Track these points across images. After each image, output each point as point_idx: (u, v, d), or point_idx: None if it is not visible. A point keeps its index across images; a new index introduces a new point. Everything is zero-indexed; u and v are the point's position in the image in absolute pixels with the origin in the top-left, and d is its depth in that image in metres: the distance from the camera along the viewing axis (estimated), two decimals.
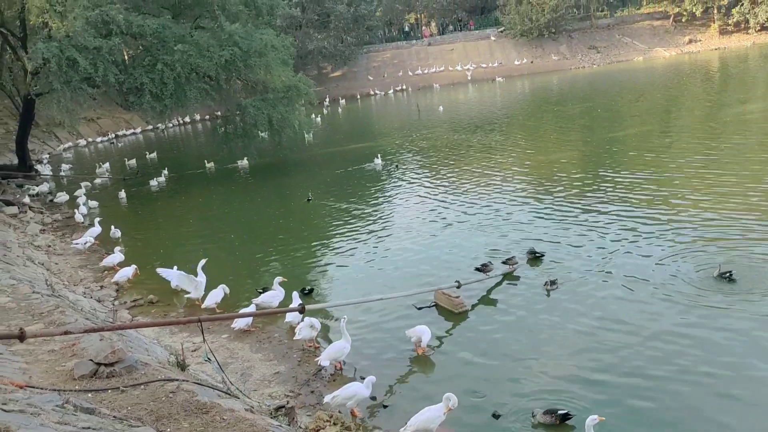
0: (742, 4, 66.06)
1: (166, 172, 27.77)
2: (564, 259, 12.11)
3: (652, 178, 16.95)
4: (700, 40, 69.48)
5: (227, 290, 11.55)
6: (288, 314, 10.14)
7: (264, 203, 21.77)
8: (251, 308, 10.63)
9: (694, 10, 68.11)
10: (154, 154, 35.67)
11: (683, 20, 71.24)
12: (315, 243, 15.81)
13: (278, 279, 11.27)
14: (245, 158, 29.15)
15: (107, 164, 32.08)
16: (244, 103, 26.64)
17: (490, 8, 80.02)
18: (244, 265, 14.71)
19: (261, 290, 12.14)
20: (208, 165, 29.16)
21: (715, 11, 68.48)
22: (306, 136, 32.66)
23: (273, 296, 11.04)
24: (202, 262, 12.23)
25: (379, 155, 25.69)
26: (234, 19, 26.03)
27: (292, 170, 27.70)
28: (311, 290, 12.10)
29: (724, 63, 52.13)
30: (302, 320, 9.76)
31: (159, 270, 12.37)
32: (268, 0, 28.10)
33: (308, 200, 20.68)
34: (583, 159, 21.36)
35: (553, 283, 10.61)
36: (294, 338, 9.70)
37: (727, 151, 19.22)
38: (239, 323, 10.45)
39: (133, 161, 33.37)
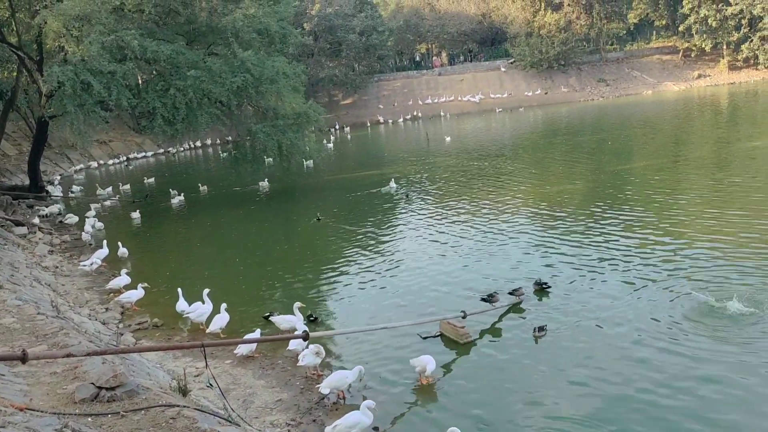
0: (752, 41, 66.52)
1: (204, 188, 29.18)
2: (569, 291, 12.03)
3: (657, 215, 16.83)
4: (710, 75, 69.86)
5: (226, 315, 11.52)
6: (292, 342, 10.07)
7: (271, 228, 21.82)
8: (255, 334, 10.58)
9: (703, 46, 68.64)
10: (152, 179, 35.89)
11: (692, 55, 71.76)
12: (321, 269, 15.78)
13: (297, 304, 11.24)
14: (266, 179, 29.51)
15: (109, 188, 32.28)
16: (254, 129, 26.87)
17: (500, 40, 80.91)
18: (249, 289, 14.68)
19: (266, 315, 12.13)
20: (201, 188, 29.60)
21: (725, 47, 68.96)
22: (305, 163, 32.61)
23: (292, 320, 10.99)
24: (207, 291, 12.20)
25: (393, 179, 25.91)
26: (247, 47, 26.39)
27: (300, 195, 27.82)
28: (316, 318, 12.05)
29: (733, 98, 52.27)
30: (306, 347, 9.69)
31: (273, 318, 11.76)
32: (281, 29, 28.48)
33: (318, 219, 20.71)
34: (591, 192, 21.33)
35: (541, 329, 10.23)
36: (297, 365, 9.63)
37: (735, 188, 19.14)
38: (243, 349, 10.40)
39: (152, 179, 34.52)
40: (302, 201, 26.35)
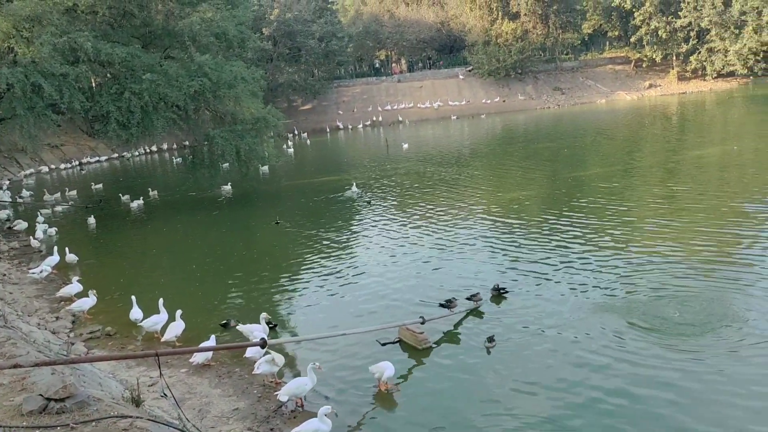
0: (700, 52, 68.83)
1: (154, 192, 28.87)
2: (526, 297, 12.20)
3: (610, 222, 17.19)
4: (660, 85, 71.97)
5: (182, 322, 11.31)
6: (249, 349, 9.95)
7: (230, 233, 21.54)
8: (211, 341, 10.41)
9: (654, 57, 70.73)
10: (100, 185, 35.07)
11: (644, 65, 73.88)
12: (280, 275, 15.65)
13: (264, 315, 11.11)
14: (229, 183, 29.19)
15: (57, 194, 31.39)
16: (212, 134, 26.52)
17: (458, 48, 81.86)
18: (206, 296, 14.45)
19: (223, 323, 11.98)
20: (151, 193, 29.02)
21: (674, 58, 71.17)
22: (261, 168, 32.30)
23: (257, 329, 10.83)
24: (161, 301, 11.96)
25: (354, 183, 25.97)
26: (204, 51, 26.09)
27: (259, 201, 27.56)
28: (275, 325, 11.93)
29: (683, 107, 53.96)
30: (264, 355, 9.59)
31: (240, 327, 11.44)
32: (239, 33, 28.24)
33: (276, 223, 20.55)
34: (547, 198, 21.70)
35: (491, 340, 10.19)
36: (253, 373, 9.52)
37: (684, 196, 19.73)
38: (198, 358, 10.23)
39: (100, 185, 33.86)
40: (261, 206, 26.11)
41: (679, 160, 26.86)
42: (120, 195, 29.09)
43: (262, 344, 8.89)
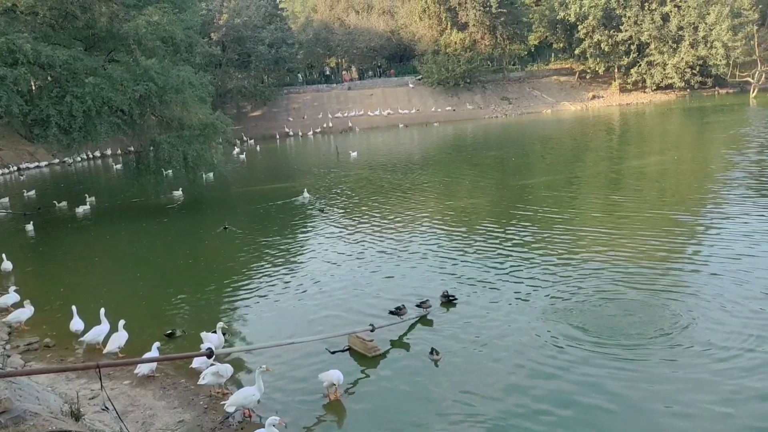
0: (640, 65, 71.27)
1: (92, 199, 27.96)
2: (474, 303, 12.34)
3: (555, 230, 17.56)
4: (603, 96, 74.18)
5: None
6: (196, 359, 9.75)
7: (176, 240, 21.11)
8: (154, 352, 10.15)
9: (597, 69, 72.91)
10: (32, 192, 33.87)
11: (587, 77, 76.08)
12: (228, 283, 15.39)
13: (220, 324, 10.90)
14: (180, 189, 28.68)
15: None
16: (158, 139, 25.96)
17: (408, 56, 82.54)
18: (150, 306, 14.10)
19: (168, 333, 11.71)
20: (89, 199, 28.05)
21: (616, 70, 73.50)
22: (205, 176, 31.63)
23: (213, 339, 10.60)
24: (103, 311, 11.60)
25: (306, 189, 25.91)
26: (150, 54, 25.53)
27: (208, 208, 27.08)
28: (223, 334, 11.71)
29: (624, 118, 55.74)
30: (211, 365, 9.41)
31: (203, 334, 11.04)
32: (186, 37, 27.76)
33: (225, 228, 20.30)
34: (495, 206, 22.04)
35: (435, 352, 10.09)
36: (199, 383, 9.33)
37: (626, 205, 20.34)
38: (143, 369, 9.96)
39: (32, 192, 32.91)
40: (210, 213, 25.66)
41: (621, 169, 27.69)
42: (55, 202, 28.19)
43: (209, 354, 8.74)
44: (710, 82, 71.21)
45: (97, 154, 56.61)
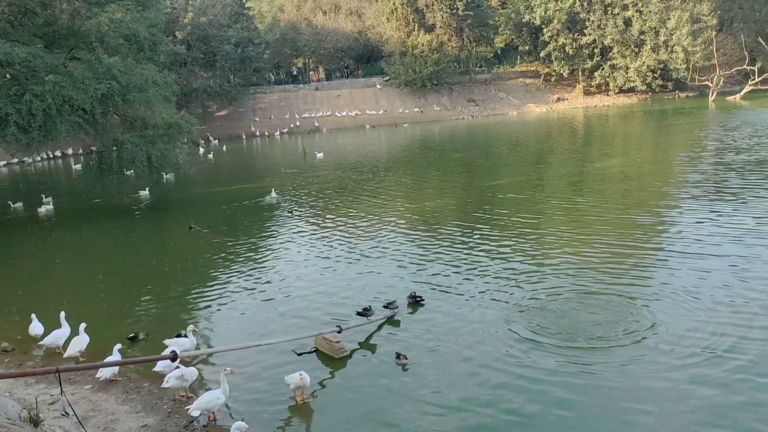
0: (603, 69, 72.49)
1: (48, 200, 27.00)
2: (442, 304, 12.40)
3: (520, 232, 17.75)
4: (567, 99, 75.23)
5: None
6: (159, 362, 9.60)
7: (140, 241, 20.74)
8: (115, 355, 9.95)
9: (561, 71, 73.90)
10: None
11: (552, 80, 77.09)
12: (193, 284, 15.20)
13: (190, 327, 10.72)
14: (147, 188, 28.33)
15: None
16: (121, 139, 25.47)
17: (376, 58, 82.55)
18: (113, 308, 13.82)
19: (131, 336, 11.52)
20: (45, 200, 27.17)
21: (580, 73, 74.60)
22: (165, 176, 31.23)
23: (185, 343, 10.42)
24: (63, 314, 11.34)
25: (273, 189, 25.83)
26: (113, 52, 25.05)
27: (172, 208, 26.68)
28: (186, 336, 11.55)
29: (588, 120, 56.64)
30: (175, 368, 9.27)
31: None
32: (150, 35, 27.32)
33: (190, 228, 20.07)
34: (462, 208, 22.18)
35: (398, 356, 10.02)
36: (163, 387, 9.18)
37: (591, 205, 20.69)
38: (105, 373, 9.76)
39: None
40: (175, 213, 25.29)
41: (585, 171, 28.14)
42: (10, 202, 27.49)
43: (173, 357, 8.61)
44: (671, 85, 72.74)
45: (58, 153, 55.27)
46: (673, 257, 14.10)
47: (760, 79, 59.31)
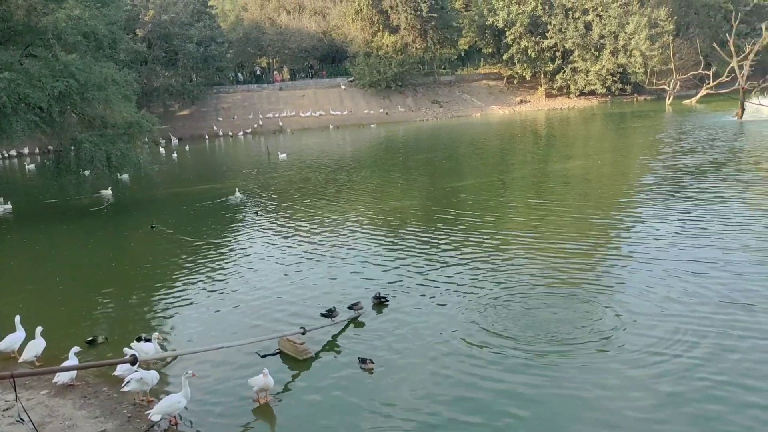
0: (564, 72, 73.76)
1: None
2: (406, 305, 12.44)
3: (484, 232, 17.92)
4: (530, 101, 76.33)
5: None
6: (119, 366, 9.42)
7: (100, 242, 20.31)
8: (73, 360, 9.72)
9: (524, 74, 75.02)
10: None
11: (515, 82, 78.16)
12: (155, 286, 14.95)
13: (155, 335, 10.54)
14: (109, 188, 27.81)
15: None
16: (79, 138, 24.90)
17: (340, 58, 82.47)
18: (71, 312, 13.51)
19: (89, 339, 11.27)
20: (2, 200, 26.28)
21: (542, 76, 75.79)
22: (120, 177, 30.66)
23: (150, 348, 10.22)
24: (18, 318, 11.04)
25: (237, 189, 25.66)
26: (71, 50, 24.47)
27: (133, 209, 26.20)
28: (148, 339, 11.35)
29: (550, 122, 57.52)
30: (135, 372, 9.11)
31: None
32: (110, 33, 26.79)
33: (152, 227, 19.87)
34: (426, 208, 22.27)
35: (364, 361, 9.92)
36: (121, 390, 9.01)
37: (553, 204, 21.01)
38: (62, 377, 9.54)
39: None
40: (136, 214, 24.84)
41: (546, 172, 28.55)
42: None
43: (133, 361, 8.47)
44: (629, 88, 74.40)
45: (13, 152, 53.84)
46: (631, 257, 14.40)
47: (715, 83, 60.98)
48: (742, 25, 67.84)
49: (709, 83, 62.40)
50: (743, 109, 43.50)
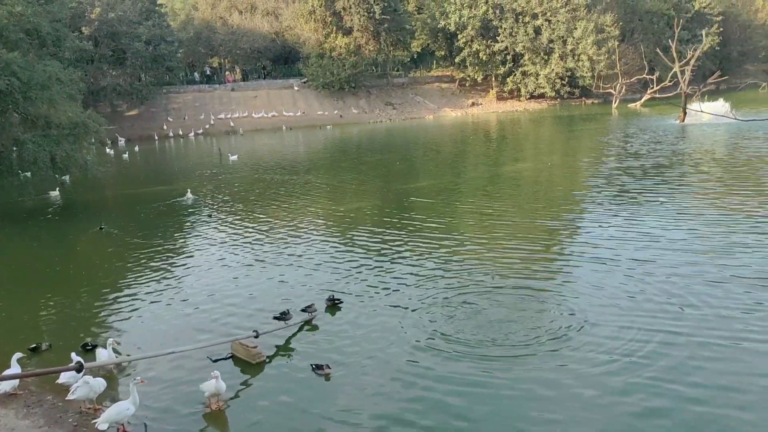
0: (515, 75, 75.03)
1: None
2: (359, 307, 12.45)
3: (438, 233, 18.11)
4: (481, 104, 77.33)
5: None
6: (63, 374, 9.15)
7: (44, 246, 19.70)
8: (14, 368, 9.39)
9: (476, 77, 76.03)
10: None
11: (467, 85, 79.11)
12: (104, 290, 14.56)
13: (110, 341, 10.24)
14: (57, 188, 27.14)
15: None
16: (22, 139, 24.08)
17: (293, 59, 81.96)
18: (12, 318, 13.06)
19: (32, 347, 10.93)
20: None
21: (493, 79, 76.93)
22: (61, 179, 29.69)
23: (104, 355, 9.93)
24: None
25: (189, 190, 25.36)
26: (13, 48, 23.66)
27: (80, 211, 25.49)
28: (95, 345, 11.07)
29: (501, 125, 58.41)
30: (80, 379, 8.87)
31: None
32: (54, 30, 26.03)
33: (101, 228, 19.50)
34: (380, 210, 22.31)
35: (320, 367, 9.80)
36: (67, 398, 8.76)
37: (504, 205, 21.36)
38: (3, 386, 9.21)
39: None
40: (83, 216, 24.17)
41: (497, 174, 28.97)
42: None
43: (78, 368, 8.25)
44: (578, 92, 76.17)
45: None
46: (580, 257, 14.74)
47: (658, 87, 62.98)
48: (684, 31, 70.40)
49: (653, 87, 64.43)
50: (685, 113, 45.04)
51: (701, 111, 39.31)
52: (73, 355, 9.82)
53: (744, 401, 8.30)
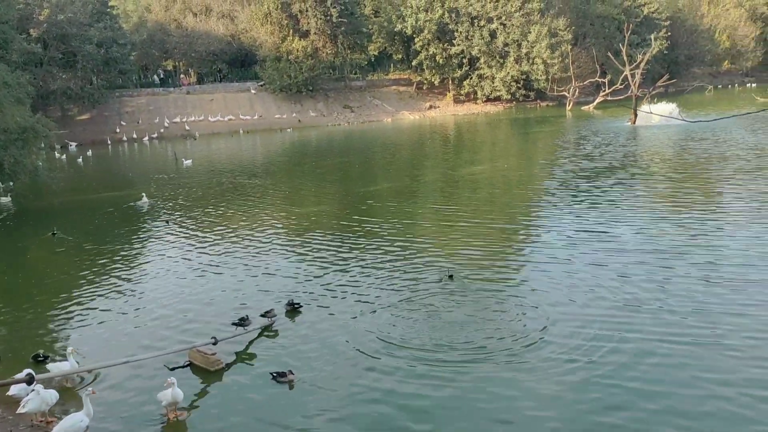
0: (471, 78, 75.86)
1: None
2: (319, 312, 12.43)
3: (397, 237, 18.11)
4: (439, 107, 77.89)
5: None
6: (13, 387, 8.89)
7: None
8: None
9: (433, 80, 76.54)
10: None
11: (424, 88, 79.58)
12: (56, 299, 14.17)
13: (70, 349, 9.99)
14: (9, 194, 26.54)
15: None
16: None
17: (250, 62, 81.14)
18: None
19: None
20: None
21: (450, 82, 77.59)
22: (7, 185, 28.83)
23: (65, 366, 9.66)
24: None
25: (144, 195, 24.98)
26: None
27: (30, 217, 24.69)
28: (47, 356, 10.78)
29: (458, 128, 58.99)
30: (32, 391, 8.62)
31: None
32: (0, 33, 25.24)
33: (53, 234, 19.19)
34: (339, 213, 22.29)
35: (282, 374, 9.67)
36: (18, 411, 8.51)
37: (462, 208, 21.57)
38: None
39: None
40: (34, 222, 23.42)
41: (455, 177, 29.22)
42: None
43: (29, 380, 8.03)
44: (533, 95, 77.36)
45: None
46: (535, 260, 14.97)
47: (610, 90, 64.51)
48: (634, 35, 72.29)
49: (605, 90, 65.95)
50: (636, 115, 46.25)
51: (651, 113, 40.53)
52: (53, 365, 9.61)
53: (697, 395, 8.61)
